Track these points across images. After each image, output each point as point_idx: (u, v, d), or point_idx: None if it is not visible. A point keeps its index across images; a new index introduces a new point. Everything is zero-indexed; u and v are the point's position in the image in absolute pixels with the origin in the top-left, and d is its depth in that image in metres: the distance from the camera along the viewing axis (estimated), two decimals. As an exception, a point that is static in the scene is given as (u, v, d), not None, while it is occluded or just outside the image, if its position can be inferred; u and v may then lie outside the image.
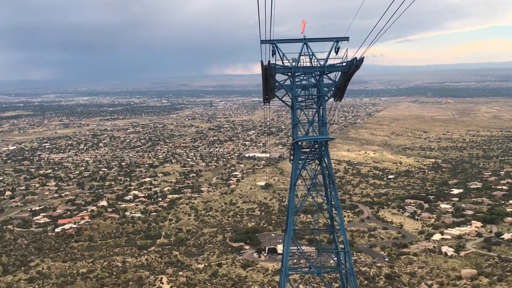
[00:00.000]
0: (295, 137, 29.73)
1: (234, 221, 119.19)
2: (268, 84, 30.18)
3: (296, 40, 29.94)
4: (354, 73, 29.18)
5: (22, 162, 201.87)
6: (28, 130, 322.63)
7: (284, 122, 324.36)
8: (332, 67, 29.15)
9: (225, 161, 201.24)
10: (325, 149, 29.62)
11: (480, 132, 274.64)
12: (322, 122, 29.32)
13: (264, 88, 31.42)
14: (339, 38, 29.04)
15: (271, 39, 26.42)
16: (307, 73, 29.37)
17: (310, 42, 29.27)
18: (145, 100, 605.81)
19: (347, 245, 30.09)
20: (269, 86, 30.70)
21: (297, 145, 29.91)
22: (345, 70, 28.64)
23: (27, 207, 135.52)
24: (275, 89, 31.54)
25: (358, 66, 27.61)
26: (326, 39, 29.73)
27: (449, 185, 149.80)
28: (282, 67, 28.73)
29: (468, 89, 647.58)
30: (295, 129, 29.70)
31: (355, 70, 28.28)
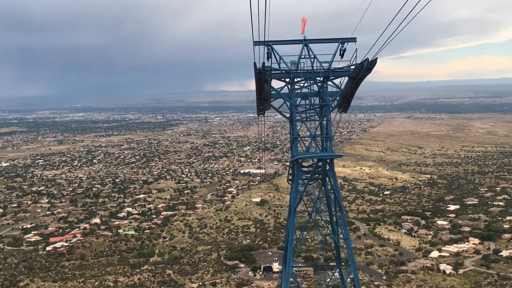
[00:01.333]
0: (294, 153, 25.65)
1: (229, 239, 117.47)
2: (263, 92, 26.25)
3: (295, 41, 26.15)
4: (364, 78, 25.04)
5: (14, 179, 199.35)
6: (22, 146, 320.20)
7: (279, 138, 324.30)
8: (339, 72, 25.46)
9: (220, 177, 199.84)
10: (330, 168, 25.40)
11: (475, 148, 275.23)
12: (327, 136, 25.41)
13: (258, 97, 27.27)
14: (345, 39, 25.41)
15: (265, 40, 22.25)
16: (309, 78, 25.54)
17: (311, 43, 25.65)
18: (140, 116, 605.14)
19: (358, 285, 26.01)
20: (263, 95, 26.72)
21: (297, 163, 25.90)
22: (353, 75, 24.87)
23: (19, 225, 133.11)
24: (270, 98, 27.60)
25: (370, 70, 23.81)
26: (330, 40, 25.93)
27: (446, 201, 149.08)
28: (279, 72, 25.16)
29: (462, 105, 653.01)
30: (295, 145, 25.71)
31: (365, 74, 24.37)
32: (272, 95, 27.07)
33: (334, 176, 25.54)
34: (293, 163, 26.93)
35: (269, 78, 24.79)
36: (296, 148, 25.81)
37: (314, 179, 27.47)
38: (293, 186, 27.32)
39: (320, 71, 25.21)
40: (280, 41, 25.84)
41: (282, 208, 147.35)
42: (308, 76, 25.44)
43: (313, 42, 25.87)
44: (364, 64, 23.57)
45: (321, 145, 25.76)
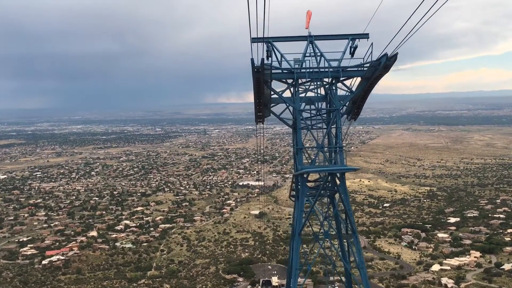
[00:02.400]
0: (299, 166, 22.23)
1: (227, 252, 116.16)
2: (262, 96, 22.91)
3: (299, 37, 23.33)
4: (380, 79, 21.90)
5: (12, 192, 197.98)
6: (20, 158, 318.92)
7: (278, 149, 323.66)
8: (351, 71, 22.39)
9: (219, 189, 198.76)
10: (341, 184, 22.10)
11: (474, 160, 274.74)
12: (337, 147, 22.18)
13: (257, 102, 23.68)
14: (356, 35, 22.63)
15: (265, 36, 19.26)
16: (315, 79, 22.24)
17: (317, 40, 22.81)
18: (139, 128, 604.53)
19: None
20: (263, 99, 23.33)
21: (302, 178, 22.48)
22: (367, 75, 21.81)
23: (15, 238, 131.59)
24: (271, 104, 24.38)
25: (388, 68, 20.57)
26: (339, 36, 23.13)
27: (446, 214, 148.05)
28: (281, 72, 22.24)
29: (460, 117, 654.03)
30: (299, 156, 22.38)
31: (382, 74, 21.19)
32: (272, 99, 23.93)
33: (345, 193, 22.16)
34: (297, 178, 24.04)
35: (269, 79, 21.89)
36: (301, 161, 22.44)
37: (320, 196, 24.06)
38: (297, 204, 23.99)
39: (329, 70, 21.97)
40: (281, 37, 22.95)
41: (281, 220, 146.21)
42: (314, 77, 22.21)
43: (319, 39, 23.05)
44: (382, 60, 20.29)
45: (329, 156, 22.70)
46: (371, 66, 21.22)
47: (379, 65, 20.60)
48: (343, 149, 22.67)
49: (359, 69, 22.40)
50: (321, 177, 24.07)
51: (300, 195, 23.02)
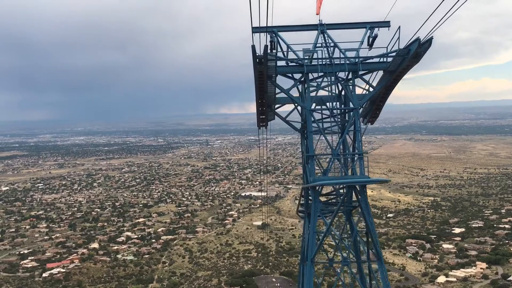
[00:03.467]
0: (311, 178, 18.51)
1: (230, 263, 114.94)
2: (265, 95, 19.35)
3: (308, 26, 20.00)
4: (407, 72, 18.60)
5: (14, 203, 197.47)
6: (22, 170, 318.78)
7: (280, 160, 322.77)
8: (372, 63, 18.97)
9: (221, 200, 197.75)
10: (362, 198, 18.47)
11: (477, 170, 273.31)
12: (356, 153, 18.79)
13: (259, 103, 20.08)
14: (376, 22, 19.47)
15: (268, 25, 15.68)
16: (329, 74, 18.69)
17: (330, 29, 19.60)
18: (141, 139, 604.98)
19: None
20: (266, 98, 19.70)
21: (315, 191, 18.80)
22: (392, 67, 18.38)
23: (16, 250, 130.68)
24: (275, 104, 20.92)
25: (419, 57, 17.34)
26: (355, 24, 19.92)
27: (450, 224, 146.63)
28: (288, 64, 18.91)
29: (463, 126, 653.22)
30: (311, 165, 18.59)
31: (411, 65, 17.94)
32: (277, 99, 20.66)
33: (368, 208, 18.41)
34: (307, 191, 20.36)
35: (274, 73, 18.49)
36: (313, 170, 18.65)
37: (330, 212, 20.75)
38: (306, 222, 20.89)
39: (345, 62, 18.61)
40: (287, 26, 19.61)
41: (284, 231, 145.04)
42: (328, 71, 18.61)
43: (332, 28, 19.86)
44: (412, 47, 17.02)
45: (344, 165, 19.24)
46: (398, 55, 17.86)
47: (408, 54, 17.37)
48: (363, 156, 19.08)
49: (382, 62, 18.93)
50: (335, 190, 20.70)
51: (312, 213, 18.93)
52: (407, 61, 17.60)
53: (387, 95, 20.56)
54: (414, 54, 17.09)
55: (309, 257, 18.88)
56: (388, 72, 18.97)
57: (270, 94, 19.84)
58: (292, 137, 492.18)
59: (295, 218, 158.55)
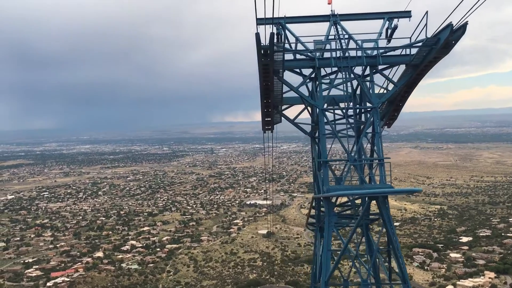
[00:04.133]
0: (324, 188, 16.44)
1: (235, 273, 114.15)
2: (270, 93, 17.26)
3: (320, 17, 18.19)
4: (433, 66, 16.69)
5: (19, 212, 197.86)
6: (28, 179, 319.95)
7: (285, 168, 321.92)
8: (393, 56, 17.09)
9: (226, 208, 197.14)
10: (384, 210, 16.32)
11: (484, 178, 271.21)
12: (376, 159, 17.05)
13: (264, 103, 17.94)
14: (395, 13, 17.63)
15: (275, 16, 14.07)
16: (344, 68, 16.63)
17: (344, 20, 17.78)
18: (146, 148, 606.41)
19: None
20: (271, 97, 17.63)
21: (329, 203, 16.73)
22: (416, 61, 16.47)
23: (21, 259, 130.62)
24: (282, 104, 18.98)
25: (450, 46, 15.35)
26: (372, 15, 18.10)
27: (457, 233, 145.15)
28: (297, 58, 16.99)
29: (469, 134, 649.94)
30: (324, 173, 16.51)
31: (439, 57, 15.98)
32: (284, 99, 18.73)
33: (390, 222, 16.27)
34: (319, 202, 18.67)
35: (281, 68, 16.56)
36: (327, 178, 16.52)
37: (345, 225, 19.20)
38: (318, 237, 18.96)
39: (363, 55, 16.58)
40: (296, 18, 17.83)
41: (289, 240, 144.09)
42: (343, 65, 16.58)
43: (346, 19, 18.02)
44: (442, 36, 14.97)
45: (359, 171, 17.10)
46: (425, 45, 15.72)
47: (437, 44, 15.21)
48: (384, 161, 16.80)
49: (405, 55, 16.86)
50: (350, 201, 18.42)
51: (326, 227, 16.57)
52: (435, 52, 15.52)
53: (408, 94, 18.53)
54: (444, 43, 14.99)
55: (322, 279, 16.48)
56: (411, 67, 17.03)
57: (277, 93, 17.88)
58: (297, 145, 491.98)
59: (301, 226, 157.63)
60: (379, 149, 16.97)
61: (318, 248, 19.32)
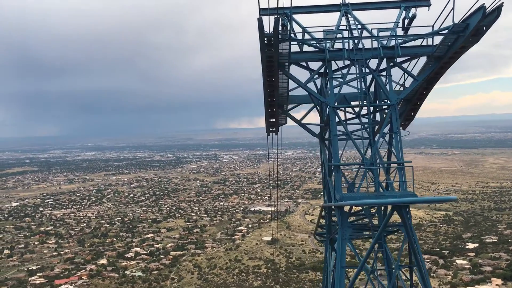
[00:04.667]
0: (337, 195, 14.65)
1: (239, 280, 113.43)
2: (274, 90, 15.77)
3: (329, 7, 16.71)
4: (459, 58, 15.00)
5: (23, 219, 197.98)
6: (33, 186, 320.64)
7: (290, 175, 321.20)
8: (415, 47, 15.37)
9: (230, 215, 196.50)
10: (406, 221, 14.61)
11: (490, 184, 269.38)
12: (396, 162, 15.47)
13: (268, 101, 16.39)
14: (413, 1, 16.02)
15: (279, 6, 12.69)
16: (358, 61, 14.87)
17: (356, 10, 16.32)
18: (150, 154, 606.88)
19: None
20: (276, 96, 16.17)
21: (343, 213, 14.98)
22: (440, 52, 14.78)
23: (24, 266, 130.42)
24: (287, 103, 17.64)
25: (481, 32, 13.56)
26: (388, 3, 16.45)
27: (463, 239, 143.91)
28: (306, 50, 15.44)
29: (474, 140, 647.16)
30: (336, 178, 14.73)
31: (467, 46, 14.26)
32: (290, 98, 17.35)
33: (413, 234, 14.80)
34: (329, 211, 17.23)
35: (287, 61, 15.04)
36: (339, 185, 14.76)
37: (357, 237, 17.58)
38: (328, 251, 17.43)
39: (379, 46, 14.81)
40: (303, 7, 16.38)
41: (294, 247, 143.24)
42: (357, 57, 14.85)
43: (358, 9, 16.54)
44: (471, 21, 13.27)
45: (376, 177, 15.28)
46: (451, 32, 13.91)
47: (465, 31, 13.50)
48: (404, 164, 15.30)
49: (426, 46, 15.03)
50: (364, 210, 16.80)
51: (338, 242, 14.85)
52: (463, 40, 13.68)
53: (427, 91, 16.90)
54: (474, 29, 13.20)
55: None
56: (434, 59, 15.20)
57: (282, 91, 16.37)
58: (301, 151, 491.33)
59: (305, 233, 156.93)
60: (398, 152, 15.24)
61: (329, 262, 17.63)
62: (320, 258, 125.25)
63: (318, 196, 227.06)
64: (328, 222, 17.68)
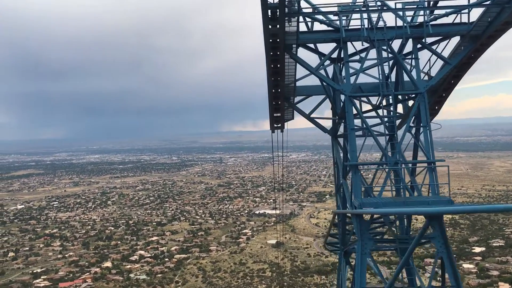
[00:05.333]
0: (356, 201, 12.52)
1: (243, 283, 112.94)
2: (280, 78, 13.58)
3: None
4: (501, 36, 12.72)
5: (28, 222, 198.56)
6: (38, 188, 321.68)
7: (294, 178, 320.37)
8: (447, 25, 13.08)
9: (235, 218, 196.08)
10: (440, 232, 12.82)
11: (496, 187, 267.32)
12: (428, 162, 13.76)
13: (271, 92, 14.14)
14: None
15: None
16: (379, 41, 12.69)
17: None
18: (155, 157, 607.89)
19: None
20: (281, 85, 13.93)
21: (363, 222, 12.51)
22: (477, 31, 12.65)
23: (29, 269, 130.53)
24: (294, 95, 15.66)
25: None
26: None
27: (470, 243, 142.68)
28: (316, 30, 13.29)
29: (480, 143, 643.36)
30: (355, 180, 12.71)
31: (510, 22, 11.83)
32: (298, 89, 15.20)
33: (448, 247, 12.68)
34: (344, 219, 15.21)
35: (295, 43, 12.99)
36: (358, 188, 12.66)
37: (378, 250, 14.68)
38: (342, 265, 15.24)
39: (405, 24, 12.57)
40: None
41: (298, 250, 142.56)
42: (378, 37, 12.63)
43: None
44: None
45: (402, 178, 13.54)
46: (495, 3, 11.71)
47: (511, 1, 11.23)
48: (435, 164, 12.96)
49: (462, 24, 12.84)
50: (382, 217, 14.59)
51: (358, 258, 12.27)
52: (508, 14, 11.42)
53: (457, 79, 14.96)
54: None
55: None
56: (469, 39, 13.01)
57: (289, 79, 14.17)
58: (306, 155, 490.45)
59: (310, 236, 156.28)
60: (428, 149, 13.51)
61: (343, 280, 15.40)
62: (325, 261, 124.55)
63: (323, 199, 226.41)
64: (342, 231, 15.64)
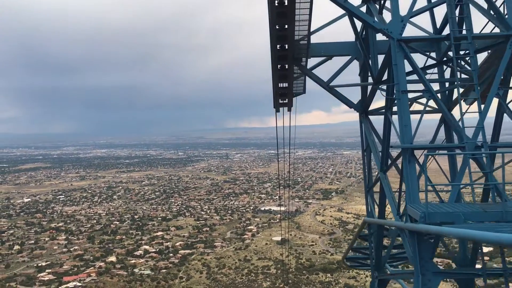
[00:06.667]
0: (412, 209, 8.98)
1: (248, 280, 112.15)
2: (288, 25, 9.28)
3: None
4: None
5: (34, 215, 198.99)
6: (45, 182, 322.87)
7: (300, 174, 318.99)
8: None
9: (240, 214, 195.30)
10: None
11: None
12: None
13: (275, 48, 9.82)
14: None
15: None
16: None
17: None
18: (162, 153, 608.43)
19: None
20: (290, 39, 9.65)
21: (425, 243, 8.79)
22: None
23: (34, 262, 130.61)
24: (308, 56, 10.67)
25: None
26: None
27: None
28: None
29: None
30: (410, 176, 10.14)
31: None
32: (312, 47, 10.47)
33: None
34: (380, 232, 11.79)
35: None
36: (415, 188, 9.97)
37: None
38: None
39: None
40: None
41: (304, 247, 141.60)
42: None
43: None
44: None
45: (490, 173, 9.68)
46: None
47: None
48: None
49: None
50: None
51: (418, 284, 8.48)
52: None
53: None
54: None
55: None
56: None
57: (301, 30, 9.85)
58: (312, 151, 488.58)
59: (315, 233, 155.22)
60: None
61: None
62: (330, 259, 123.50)
63: (329, 197, 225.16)
64: (376, 250, 11.78)
